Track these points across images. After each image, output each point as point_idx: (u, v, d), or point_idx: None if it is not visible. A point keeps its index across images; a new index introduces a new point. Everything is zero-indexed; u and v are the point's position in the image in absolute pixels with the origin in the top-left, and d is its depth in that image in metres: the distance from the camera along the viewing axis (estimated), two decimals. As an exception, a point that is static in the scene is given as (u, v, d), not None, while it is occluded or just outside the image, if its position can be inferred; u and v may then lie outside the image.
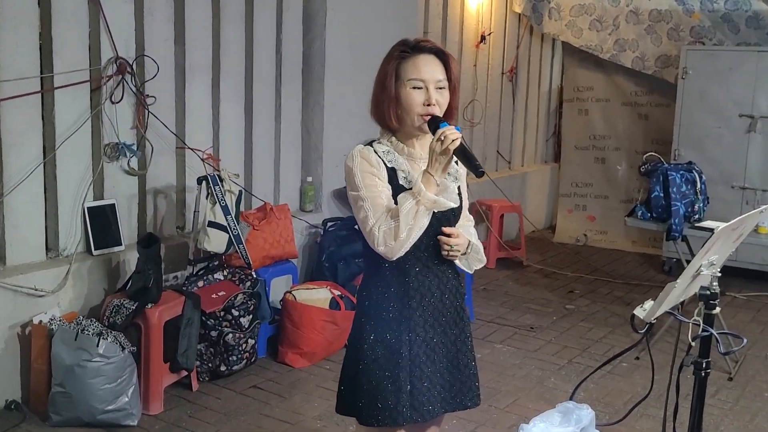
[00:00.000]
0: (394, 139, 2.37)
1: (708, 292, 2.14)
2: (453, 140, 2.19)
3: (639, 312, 2.07)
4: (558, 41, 8.26)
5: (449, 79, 2.33)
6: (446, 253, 2.34)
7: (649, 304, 2.08)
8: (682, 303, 2.29)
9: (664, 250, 6.97)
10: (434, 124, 2.27)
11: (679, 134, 6.80)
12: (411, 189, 2.23)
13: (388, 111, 2.30)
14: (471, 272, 2.51)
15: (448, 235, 2.33)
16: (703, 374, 2.22)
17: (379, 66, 2.36)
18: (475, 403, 2.48)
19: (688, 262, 5.06)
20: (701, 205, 5.04)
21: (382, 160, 2.31)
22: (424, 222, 2.23)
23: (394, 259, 2.25)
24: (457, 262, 2.44)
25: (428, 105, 2.28)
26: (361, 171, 2.26)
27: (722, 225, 2.09)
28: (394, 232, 2.19)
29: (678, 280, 2.03)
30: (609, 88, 7.87)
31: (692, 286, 2.18)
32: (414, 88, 2.28)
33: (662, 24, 7.20)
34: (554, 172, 8.59)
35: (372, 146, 2.34)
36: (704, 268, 2.08)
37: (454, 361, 2.41)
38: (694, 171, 5.09)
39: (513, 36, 7.86)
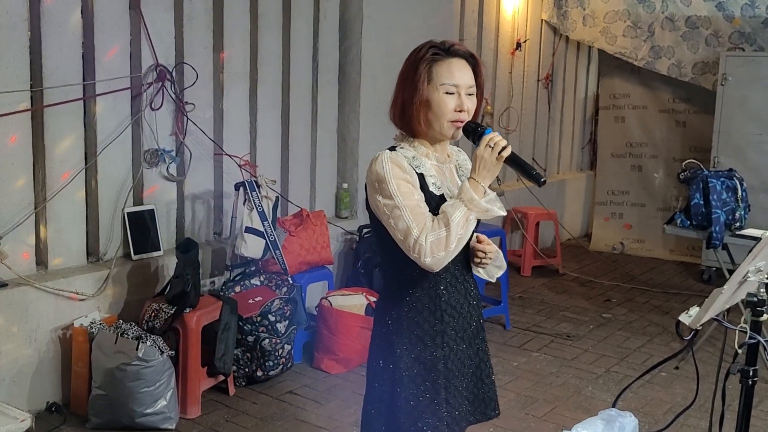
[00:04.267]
0: (416, 143, 2.26)
1: (755, 299, 2.10)
2: (503, 147, 2.11)
3: (684, 318, 2.04)
4: (594, 48, 8.20)
5: (477, 84, 2.24)
6: (479, 260, 2.28)
7: (694, 310, 2.05)
8: (727, 310, 2.26)
9: (703, 259, 6.87)
10: (474, 130, 2.18)
11: (719, 142, 6.71)
12: (459, 196, 2.12)
13: (417, 114, 2.20)
14: (493, 281, 2.42)
15: (480, 243, 2.26)
16: (750, 382, 2.19)
17: (405, 65, 2.26)
18: (496, 413, 2.41)
19: (729, 270, 5.04)
20: (742, 212, 4.97)
21: (411, 166, 2.20)
22: (471, 231, 2.14)
23: (437, 270, 2.13)
24: (480, 271, 2.37)
25: (459, 111, 2.19)
26: (395, 178, 2.12)
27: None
28: (445, 242, 2.06)
29: (725, 287, 2.00)
30: (646, 95, 7.79)
31: (738, 293, 2.15)
32: (447, 93, 2.18)
33: (700, 30, 7.11)
34: (590, 179, 8.53)
35: (397, 151, 2.22)
36: (751, 274, 2.04)
37: (477, 371, 2.36)
38: (734, 178, 5.02)
39: (549, 43, 7.82)
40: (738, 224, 4.96)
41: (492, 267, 2.36)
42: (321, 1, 5.28)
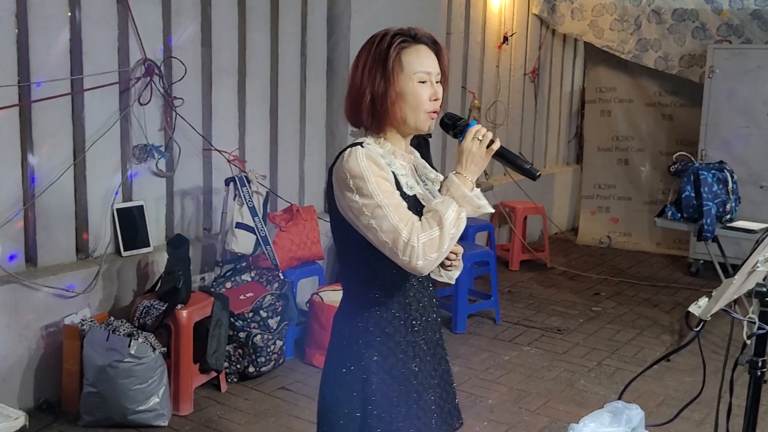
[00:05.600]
0: (383, 140, 2.05)
1: (764, 289, 2.10)
2: (491, 140, 1.96)
3: (694, 309, 2.02)
4: (580, 42, 8.21)
5: (442, 71, 2.05)
6: (450, 262, 2.13)
7: (703, 301, 2.04)
8: (734, 301, 2.25)
9: (691, 252, 6.90)
10: (455, 123, 2.04)
11: (706, 134, 6.73)
12: (448, 193, 1.95)
13: (392, 108, 1.99)
14: (452, 282, 2.24)
15: None
16: (758, 373, 2.18)
17: (365, 56, 2.02)
18: (460, 423, 2.26)
19: (720, 263, 5.05)
20: (733, 204, 4.98)
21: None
22: (462, 229, 1.94)
23: (425, 274, 1.95)
24: (442, 274, 2.20)
25: (434, 100, 2.01)
26: (373, 175, 1.91)
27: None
28: (438, 243, 1.87)
29: (735, 277, 1.99)
30: (632, 88, 7.80)
31: (747, 283, 2.14)
32: (420, 82, 1.99)
33: (687, 23, 7.13)
34: (577, 173, 8.54)
35: (366, 147, 1.99)
36: (760, 264, 2.03)
37: (441, 383, 2.19)
38: (725, 170, 5.03)
39: (535, 37, 7.82)
40: (729, 216, 4.98)
41: (453, 268, 2.21)
42: (309, -6, 5.24)
